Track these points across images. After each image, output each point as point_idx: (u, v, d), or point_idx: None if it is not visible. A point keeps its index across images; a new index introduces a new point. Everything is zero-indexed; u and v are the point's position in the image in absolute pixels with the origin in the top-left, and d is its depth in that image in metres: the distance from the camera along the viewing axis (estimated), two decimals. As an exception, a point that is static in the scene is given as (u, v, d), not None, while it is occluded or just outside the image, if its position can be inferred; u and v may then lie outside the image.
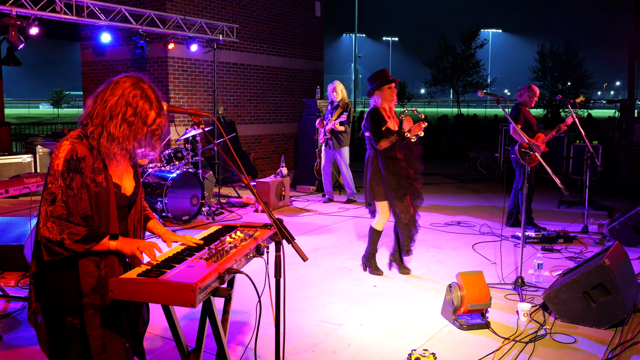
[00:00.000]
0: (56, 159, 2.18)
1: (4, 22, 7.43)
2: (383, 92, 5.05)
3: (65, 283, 2.24)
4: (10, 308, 4.35)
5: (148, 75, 8.96)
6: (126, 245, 2.24)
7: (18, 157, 9.66)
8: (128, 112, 2.22)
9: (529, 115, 6.85)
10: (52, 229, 2.12)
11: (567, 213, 8.30)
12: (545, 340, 3.89)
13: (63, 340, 2.29)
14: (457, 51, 43.91)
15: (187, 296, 1.92)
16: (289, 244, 2.26)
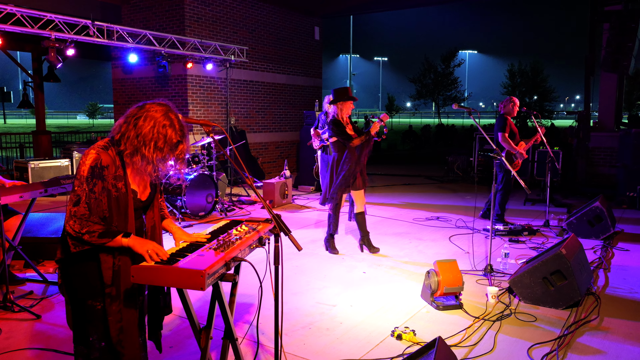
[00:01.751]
0: (83, 165, 2.20)
1: (44, 44, 7.45)
2: (345, 105, 5.43)
3: (88, 273, 2.26)
4: (48, 291, 4.36)
5: (169, 91, 8.97)
6: (138, 244, 2.23)
7: (57, 162, 9.67)
8: (160, 141, 2.24)
9: (513, 126, 6.81)
10: (74, 226, 2.15)
11: (531, 210, 8.31)
12: (510, 319, 3.90)
13: (83, 318, 2.31)
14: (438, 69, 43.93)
15: (197, 280, 1.93)
16: (286, 236, 2.27)
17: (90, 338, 2.29)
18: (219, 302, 2.36)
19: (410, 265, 5.28)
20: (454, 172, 12.45)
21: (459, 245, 5.99)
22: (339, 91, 5.45)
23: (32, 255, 5.00)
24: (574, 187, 9.84)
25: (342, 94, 5.43)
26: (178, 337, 3.49)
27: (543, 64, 43.63)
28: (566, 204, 8.63)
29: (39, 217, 5.30)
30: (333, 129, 5.37)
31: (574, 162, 10.07)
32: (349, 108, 5.45)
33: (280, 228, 2.28)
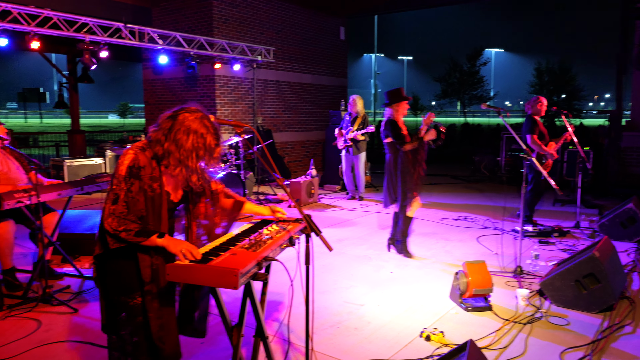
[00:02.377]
0: (121, 165, 2.25)
1: (79, 46, 7.62)
2: (399, 107, 5.23)
3: (124, 270, 2.32)
4: (84, 286, 4.46)
5: (198, 91, 9.08)
6: (172, 244, 2.25)
7: (91, 160, 9.88)
8: (201, 151, 2.28)
9: (541, 126, 6.65)
10: (112, 223, 2.19)
11: (561, 211, 8.12)
12: (541, 322, 3.81)
13: (115, 312, 2.37)
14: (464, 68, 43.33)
15: (230, 280, 1.94)
16: (317, 236, 2.26)
17: (121, 332, 2.34)
18: (251, 300, 2.37)
19: (437, 265, 5.22)
20: (480, 172, 12.25)
21: (487, 246, 5.89)
22: (392, 93, 5.28)
23: (69, 251, 5.11)
24: (605, 188, 9.57)
25: (397, 95, 5.26)
26: (209, 334, 3.50)
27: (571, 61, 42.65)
28: (597, 205, 8.40)
29: (75, 214, 5.43)
30: (389, 130, 5.20)
31: (605, 162, 9.81)
32: (404, 108, 5.29)
33: (311, 228, 2.28)
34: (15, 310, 3.85)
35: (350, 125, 8.59)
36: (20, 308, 3.88)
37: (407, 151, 5.16)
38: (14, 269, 4.32)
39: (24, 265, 4.94)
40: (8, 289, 4.21)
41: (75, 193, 4.33)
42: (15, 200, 3.79)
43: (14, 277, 4.28)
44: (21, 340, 3.39)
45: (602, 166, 9.87)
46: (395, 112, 5.24)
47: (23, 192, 3.88)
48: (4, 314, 3.77)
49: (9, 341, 3.37)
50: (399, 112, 5.25)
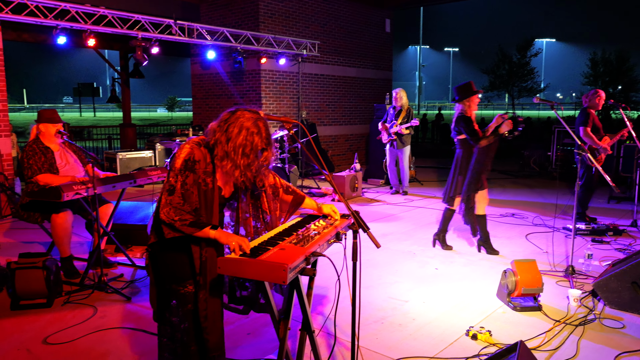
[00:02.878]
0: (177, 159, 2.33)
1: (132, 43, 7.87)
2: (471, 101, 5.09)
3: (176, 260, 2.40)
4: (137, 275, 4.63)
5: (244, 86, 9.22)
6: (223, 237, 2.30)
7: (142, 153, 10.21)
8: (247, 148, 2.33)
9: (596, 119, 6.40)
10: (168, 213, 2.27)
11: (616, 208, 7.77)
12: (595, 325, 3.68)
13: (166, 299, 2.46)
14: (513, 59, 41.92)
15: (279, 274, 1.96)
16: (365, 232, 2.26)
17: (172, 319, 2.42)
18: (298, 294, 2.40)
19: (484, 262, 5.12)
20: (529, 167, 11.88)
21: (537, 244, 5.72)
22: (463, 88, 5.12)
23: (122, 241, 5.32)
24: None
25: (467, 89, 5.09)
26: (255, 325, 3.59)
27: (629, 51, 40.50)
28: (656, 203, 7.99)
29: (128, 206, 5.63)
30: (462, 127, 5.06)
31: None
32: (475, 103, 5.13)
33: (359, 225, 2.28)
34: (72, 296, 4.04)
35: (394, 118, 8.51)
36: (78, 295, 4.08)
37: (482, 147, 5.02)
38: (71, 257, 4.54)
39: (81, 253, 5.18)
40: (66, 276, 4.42)
41: (129, 185, 4.50)
42: (73, 192, 3.98)
43: (71, 265, 4.49)
44: (78, 326, 3.56)
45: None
46: (467, 107, 5.07)
47: (81, 184, 4.06)
48: (63, 299, 3.97)
49: (68, 326, 3.55)
50: (471, 107, 5.08)
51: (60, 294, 4.02)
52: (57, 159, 4.44)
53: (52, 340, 3.34)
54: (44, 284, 3.79)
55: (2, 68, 6.98)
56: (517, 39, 43.20)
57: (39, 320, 3.64)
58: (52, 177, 4.27)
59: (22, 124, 28.88)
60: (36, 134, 4.45)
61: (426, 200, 8.35)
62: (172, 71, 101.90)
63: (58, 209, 4.31)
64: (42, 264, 3.80)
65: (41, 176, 4.24)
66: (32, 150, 4.32)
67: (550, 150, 11.34)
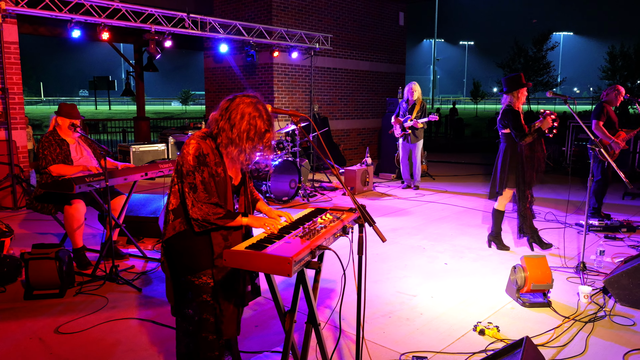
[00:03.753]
0: (187, 156, 2.36)
1: (145, 37, 7.92)
2: (520, 93, 4.97)
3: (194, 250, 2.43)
4: (147, 267, 4.69)
5: (256, 79, 9.20)
6: (255, 221, 2.44)
7: (155, 146, 10.30)
8: (251, 132, 2.38)
9: (612, 114, 6.32)
10: (201, 210, 2.32)
11: (631, 205, 7.67)
12: (605, 322, 3.64)
13: (183, 293, 2.50)
14: (529, 53, 41.32)
15: (284, 267, 1.98)
16: (371, 226, 2.26)
17: (188, 311, 2.46)
18: (304, 287, 2.41)
19: (494, 257, 5.09)
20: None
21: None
22: (512, 79, 4.98)
23: (134, 233, 5.39)
24: (682, 181, 8.94)
25: (517, 81, 4.95)
26: (262, 317, 3.62)
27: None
28: (672, 199, 7.88)
29: (140, 198, 5.68)
30: (509, 120, 4.93)
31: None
32: (524, 96, 5.01)
33: (365, 219, 2.28)
34: (84, 287, 4.10)
35: (407, 113, 8.47)
36: (89, 285, 4.14)
37: (526, 144, 4.93)
38: (84, 248, 4.60)
39: (93, 245, 5.25)
40: (79, 267, 4.50)
41: (140, 178, 4.55)
42: (85, 184, 4.03)
43: (84, 256, 4.56)
44: (90, 316, 3.62)
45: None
46: (515, 99, 4.96)
47: (93, 177, 4.12)
48: (75, 290, 4.04)
49: (80, 316, 3.61)
50: (520, 99, 4.98)
51: (73, 284, 4.09)
52: (73, 152, 4.51)
53: (64, 329, 3.40)
54: (57, 275, 3.85)
55: (17, 62, 7.08)
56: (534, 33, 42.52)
57: (51, 310, 3.71)
58: (65, 167, 4.34)
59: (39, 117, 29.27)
60: (54, 126, 4.52)
61: (438, 195, 8.31)
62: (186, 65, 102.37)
63: (70, 201, 4.37)
64: (55, 255, 3.86)
65: (54, 166, 4.31)
66: (48, 142, 4.39)
67: (565, 145, 11.20)
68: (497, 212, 5.32)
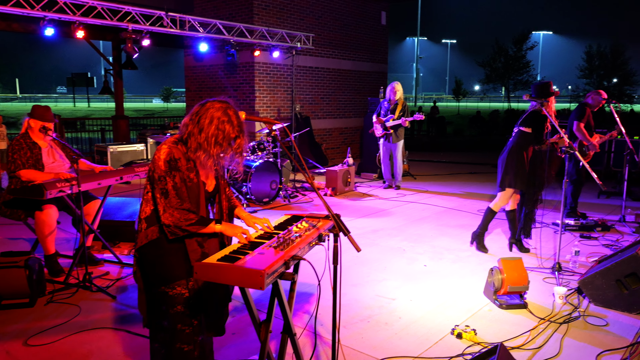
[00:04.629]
0: (159, 161, 2.33)
1: (122, 35, 7.78)
2: (550, 101, 4.99)
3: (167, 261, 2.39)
4: (123, 273, 4.60)
5: (237, 78, 9.11)
6: (229, 228, 2.41)
7: (133, 146, 10.14)
8: (219, 137, 2.35)
9: (591, 117, 6.44)
10: (172, 216, 2.29)
11: (605, 204, 7.79)
12: (579, 322, 3.69)
13: (156, 304, 2.44)
14: (509, 52, 41.82)
15: (256, 280, 1.95)
16: (345, 236, 2.24)
17: (163, 322, 2.41)
18: (278, 299, 2.38)
19: (473, 258, 5.12)
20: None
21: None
22: (542, 87, 5.02)
23: (109, 237, 5.30)
24: (655, 180, 9.12)
25: (546, 89, 4.98)
26: (240, 324, 3.57)
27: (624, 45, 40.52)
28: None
29: (116, 202, 5.59)
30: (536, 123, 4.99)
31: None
32: (553, 103, 5.07)
33: (339, 228, 2.26)
34: (56, 295, 4.01)
35: (389, 112, 8.46)
36: (61, 294, 4.04)
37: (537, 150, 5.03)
38: (56, 255, 4.50)
39: (67, 250, 5.14)
40: (51, 274, 4.39)
41: (115, 182, 4.46)
42: (57, 190, 3.94)
43: (56, 263, 4.46)
44: (61, 326, 3.52)
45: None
46: (545, 106, 4.95)
47: (65, 182, 4.02)
48: (47, 298, 3.94)
49: (51, 326, 3.52)
50: (549, 106, 4.98)
51: (44, 293, 3.99)
52: (44, 156, 4.39)
53: (33, 341, 3.31)
54: (26, 284, 3.74)
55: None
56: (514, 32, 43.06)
57: (20, 321, 3.61)
58: (36, 173, 4.22)
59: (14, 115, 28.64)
60: (25, 129, 4.40)
61: (418, 195, 8.34)
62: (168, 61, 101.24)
63: (42, 206, 4.26)
64: (24, 263, 3.76)
65: (24, 171, 4.19)
66: (19, 145, 4.26)
67: (544, 144, 11.35)
68: (491, 211, 5.29)
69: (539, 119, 4.98)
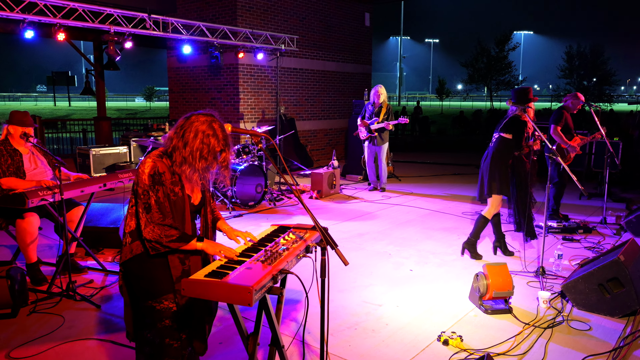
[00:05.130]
0: (142, 175, 2.29)
1: (104, 38, 7.67)
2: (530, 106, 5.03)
3: (153, 274, 2.36)
4: (107, 281, 4.54)
5: (221, 80, 9.03)
6: (210, 247, 2.37)
7: (116, 149, 10.00)
8: (204, 151, 2.33)
9: (569, 120, 6.52)
10: (153, 231, 2.26)
11: (587, 205, 7.91)
12: (562, 327, 3.74)
13: (142, 317, 2.41)
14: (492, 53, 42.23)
15: (245, 297, 1.93)
16: (333, 249, 2.24)
17: (148, 335, 2.38)
18: (266, 312, 2.37)
19: (458, 262, 5.16)
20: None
21: (510, 243, 5.78)
22: (521, 92, 5.05)
23: (93, 244, 5.22)
24: (634, 181, 9.30)
25: (525, 95, 5.02)
26: (227, 333, 3.55)
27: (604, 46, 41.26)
28: (625, 199, 8.18)
29: (100, 207, 5.50)
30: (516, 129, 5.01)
31: (635, 154, 9.50)
32: (533, 109, 5.14)
33: (327, 242, 2.25)
34: (39, 305, 3.93)
35: (374, 115, 8.47)
36: (44, 303, 3.97)
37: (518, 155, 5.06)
38: (38, 263, 4.42)
39: (49, 257, 5.06)
40: (33, 283, 4.31)
41: (98, 189, 4.40)
42: (39, 198, 3.87)
43: (38, 271, 4.38)
44: (45, 337, 3.47)
45: (632, 158, 9.57)
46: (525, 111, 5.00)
47: (47, 190, 3.95)
48: (29, 309, 3.87)
49: (34, 338, 3.46)
50: (528, 112, 5.02)
51: (26, 302, 3.91)
52: (26, 163, 4.31)
53: (16, 354, 3.25)
54: (8, 294, 3.67)
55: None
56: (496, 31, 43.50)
57: (2, 333, 3.53)
58: (17, 181, 4.14)
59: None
60: (5, 135, 4.31)
61: (403, 197, 8.38)
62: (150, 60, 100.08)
63: (23, 214, 4.18)
64: (6, 274, 3.68)
65: (5, 180, 4.11)
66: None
67: (526, 145, 11.50)
68: (484, 219, 5.23)
69: (519, 125, 5.02)
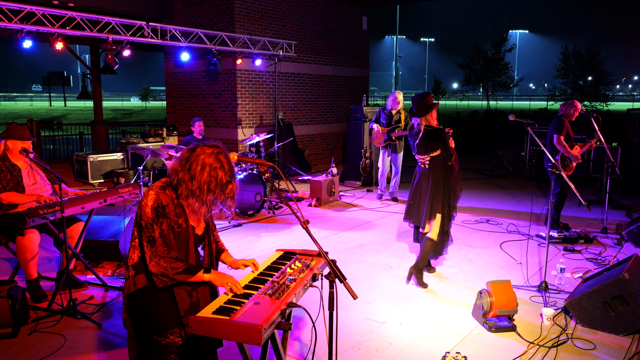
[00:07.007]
0: (146, 207, 2.26)
1: (102, 47, 7.61)
2: (433, 113, 4.68)
3: (159, 309, 2.33)
4: (108, 297, 4.49)
5: (219, 85, 8.98)
6: (217, 278, 2.35)
7: (113, 155, 9.94)
8: (212, 184, 2.31)
9: (569, 128, 6.51)
10: (159, 264, 2.24)
11: (587, 215, 7.90)
12: (567, 346, 3.72)
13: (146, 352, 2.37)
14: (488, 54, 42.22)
15: (254, 336, 1.90)
16: (342, 283, 2.21)
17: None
18: (273, 345, 2.34)
19: (459, 276, 5.13)
20: (504, 167, 12.04)
21: (511, 254, 5.78)
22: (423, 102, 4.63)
23: (93, 257, 5.18)
24: (634, 187, 9.31)
25: (429, 104, 4.62)
26: (230, 354, 3.51)
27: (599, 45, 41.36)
28: (625, 206, 8.18)
29: (99, 221, 5.46)
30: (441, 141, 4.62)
31: (635, 160, 9.51)
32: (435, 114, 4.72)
33: (335, 275, 2.22)
34: (40, 324, 3.89)
35: (392, 122, 8.30)
36: (45, 322, 3.92)
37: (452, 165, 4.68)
38: (38, 279, 4.37)
39: (49, 270, 5.01)
40: (33, 300, 4.27)
41: (99, 205, 4.35)
42: (39, 217, 3.82)
43: (39, 288, 4.33)
44: (47, 358, 3.43)
45: (631, 164, 9.57)
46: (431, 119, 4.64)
47: (47, 208, 3.91)
48: (30, 328, 3.82)
49: (34, 359, 3.41)
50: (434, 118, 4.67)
51: (27, 321, 3.86)
52: (25, 177, 4.27)
53: (18, 378, 3.21)
54: (9, 314, 3.62)
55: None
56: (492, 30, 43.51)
57: (3, 353, 3.49)
58: (17, 196, 4.10)
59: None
60: (3, 150, 4.26)
61: (402, 206, 8.35)
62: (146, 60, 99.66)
63: (23, 231, 4.13)
64: (7, 293, 3.64)
65: (5, 195, 4.07)
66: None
67: (524, 150, 11.49)
68: (432, 241, 4.72)
69: (441, 136, 4.61)
